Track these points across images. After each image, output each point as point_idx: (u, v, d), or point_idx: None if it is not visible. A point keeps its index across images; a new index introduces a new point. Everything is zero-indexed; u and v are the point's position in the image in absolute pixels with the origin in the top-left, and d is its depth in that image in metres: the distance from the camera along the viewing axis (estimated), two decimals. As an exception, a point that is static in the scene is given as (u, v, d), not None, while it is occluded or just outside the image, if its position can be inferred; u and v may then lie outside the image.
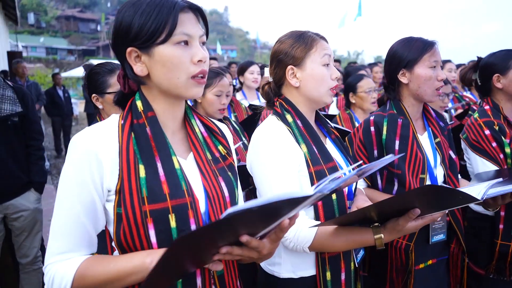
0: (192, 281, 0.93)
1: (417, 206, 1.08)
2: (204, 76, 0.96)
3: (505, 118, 1.88)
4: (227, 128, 1.18)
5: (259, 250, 0.86)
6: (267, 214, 0.75)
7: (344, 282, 1.34)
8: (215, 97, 2.19)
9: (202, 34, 0.97)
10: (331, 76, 1.35)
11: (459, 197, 1.05)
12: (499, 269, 1.89)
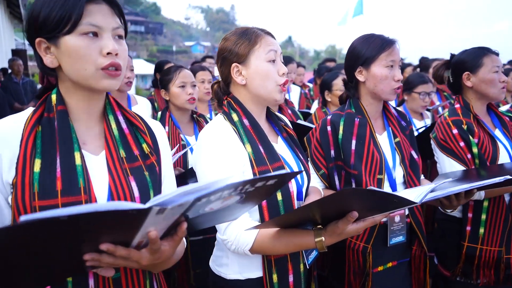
0: (84, 282, 0.89)
1: (355, 208, 1.03)
2: (118, 69, 0.92)
3: (475, 117, 1.82)
4: (160, 126, 1.13)
5: (135, 260, 0.79)
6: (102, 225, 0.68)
7: (293, 284, 1.29)
8: (179, 89, 2.21)
9: (117, 27, 0.93)
10: (278, 72, 1.30)
11: (394, 200, 1.01)
12: (466, 272, 1.84)
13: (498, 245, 1.79)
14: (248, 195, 0.85)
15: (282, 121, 1.46)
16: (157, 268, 0.97)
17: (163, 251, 0.82)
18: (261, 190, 0.86)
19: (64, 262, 0.76)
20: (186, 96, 2.20)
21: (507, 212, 1.79)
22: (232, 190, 0.78)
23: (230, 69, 1.31)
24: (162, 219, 0.74)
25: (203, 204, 0.77)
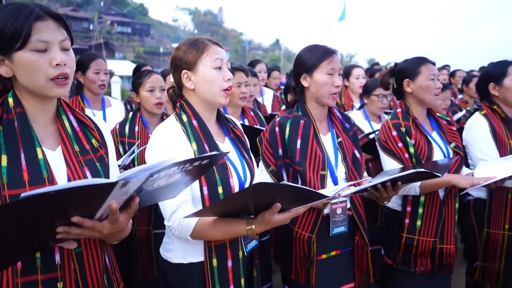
0: (51, 257, 1.04)
1: (279, 200, 1.20)
2: (67, 78, 1.07)
3: (414, 121, 2.01)
4: (105, 124, 1.29)
5: (98, 230, 0.96)
6: (79, 198, 0.84)
7: (231, 268, 1.44)
8: (148, 93, 2.34)
9: (63, 39, 1.07)
10: (224, 78, 1.45)
11: (308, 193, 1.18)
12: (405, 261, 2.02)
13: (433, 236, 1.98)
14: (187, 173, 1.03)
15: (232, 123, 1.61)
16: (113, 238, 1.13)
17: (121, 222, 0.99)
18: (197, 168, 1.04)
19: (39, 236, 0.92)
20: (155, 100, 2.33)
21: (441, 207, 1.99)
22: (176, 168, 0.96)
23: (181, 75, 1.46)
24: (122, 193, 0.91)
25: (153, 180, 0.95)
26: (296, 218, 1.79)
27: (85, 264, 1.10)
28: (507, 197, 2.21)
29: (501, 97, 2.26)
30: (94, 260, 1.13)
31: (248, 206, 1.25)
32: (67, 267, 1.07)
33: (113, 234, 1.03)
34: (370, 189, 1.66)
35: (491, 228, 2.24)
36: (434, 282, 2.07)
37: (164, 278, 1.52)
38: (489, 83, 2.29)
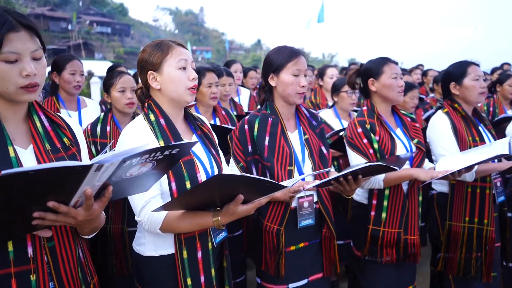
0: (23, 250, 1.08)
1: (241, 192, 1.26)
2: (35, 86, 1.11)
3: (378, 118, 2.11)
4: (77, 124, 1.34)
5: (73, 216, 1.01)
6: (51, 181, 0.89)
7: (201, 259, 1.51)
8: (119, 94, 2.38)
9: (35, 50, 1.11)
10: (189, 77, 1.51)
11: (267, 184, 1.25)
12: (372, 251, 2.11)
13: (398, 227, 2.08)
14: (158, 162, 1.08)
15: (199, 121, 1.67)
16: (87, 226, 1.16)
17: (95, 209, 1.04)
18: (167, 158, 1.09)
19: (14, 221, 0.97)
20: (126, 100, 2.38)
21: (405, 199, 2.09)
22: (147, 156, 1.01)
23: (147, 76, 1.52)
24: (97, 179, 0.96)
25: (126, 167, 1.00)
26: (266, 212, 1.87)
27: (58, 256, 1.14)
28: (467, 191, 2.33)
29: (461, 96, 2.38)
30: (67, 253, 1.17)
31: (214, 199, 1.31)
32: (40, 259, 1.11)
33: (87, 222, 1.07)
34: (333, 182, 1.74)
35: (453, 220, 2.35)
36: (399, 271, 2.17)
37: (138, 271, 1.58)
38: (450, 82, 2.40)
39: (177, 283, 1.48)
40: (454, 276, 2.39)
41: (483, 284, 2.39)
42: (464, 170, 1.88)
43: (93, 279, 1.33)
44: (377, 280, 2.16)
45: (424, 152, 2.16)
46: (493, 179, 2.35)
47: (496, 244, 2.42)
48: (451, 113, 2.36)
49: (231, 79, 3.24)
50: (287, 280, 1.89)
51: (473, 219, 2.32)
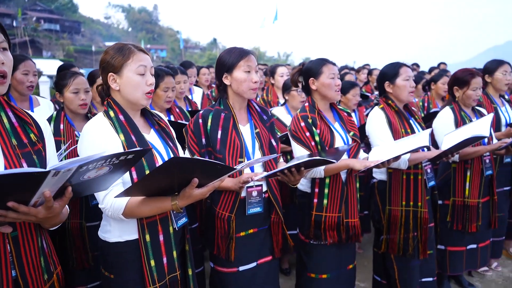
0: None
1: (196, 176, 1.40)
2: (5, 76, 1.21)
3: (319, 113, 2.32)
4: (45, 121, 1.42)
5: (33, 215, 1.10)
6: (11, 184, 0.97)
7: (163, 242, 1.63)
8: (73, 95, 2.42)
9: (1, 41, 1.21)
10: (146, 83, 1.62)
11: (218, 167, 1.40)
12: (316, 235, 2.32)
13: (338, 211, 2.29)
14: (115, 166, 1.19)
15: (156, 117, 1.80)
16: (49, 222, 1.25)
17: (55, 208, 1.13)
18: (123, 162, 1.20)
19: None
20: (79, 101, 2.43)
21: (344, 187, 2.31)
22: (103, 162, 1.11)
23: (108, 77, 1.62)
24: (55, 182, 1.04)
25: (83, 171, 1.09)
26: (218, 200, 2.01)
27: (20, 246, 1.22)
28: (403, 178, 2.60)
29: (394, 93, 2.64)
30: (29, 243, 1.25)
31: (171, 184, 1.42)
32: (3, 249, 1.18)
33: (48, 218, 1.17)
34: (279, 174, 1.92)
35: (392, 205, 2.62)
36: (341, 252, 2.40)
37: (104, 257, 1.67)
38: (385, 81, 2.66)
39: (142, 266, 1.59)
40: (395, 256, 2.65)
41: (420, 261, 2.67)
42: (392, 159, 2.11)
43: (56, 269, 1.41)
44: (322, 261, 2.37)
45: (359, 144, 2.39)
46: (424, 166, 2.63)
47: (430, 224, 2.72)
48: (386, 108, 2.62)
49: (185, 77, 3.35)
50: (237, 263, 2.05)
51: (409, 202, 2.59)
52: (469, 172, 2.95)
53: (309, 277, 2.41)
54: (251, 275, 2.09)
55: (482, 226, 3.06)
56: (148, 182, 1.38)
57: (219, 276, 2.09)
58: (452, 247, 3.08)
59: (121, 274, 1.63)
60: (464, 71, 3.00)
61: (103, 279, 1.71)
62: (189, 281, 1.78)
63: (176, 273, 1.69)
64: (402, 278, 2.67)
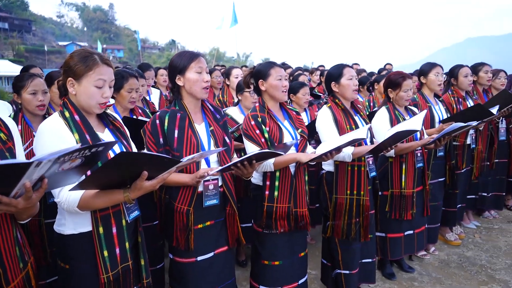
0: None
1: (145, 169, 1.54)
2: None
3: (268, 112, 2.53)
4: (12, 121, 1.53)
5: (14, 206, 1.21)
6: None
7: (116, 234, 1.76)
8: (31, 96, 2.49)
9: None
10: (102, 95, 1.73)
11: (165, 160, 1.55)
12: (268, 225, 2.52)
13: (288, 202, 2.51)
14: (86, 158, 1.31)
15: (111, 117, 1.92)
16: (26, 212, 1.37)
17: (33, 199, 1.25)
18: (94, 155, 1.33)
19: None
20: (37, 102, 2.50)
21: (292, 179, 2.53)
22: (77, 153, 1.24)
23: (67, 81, 1.73)
24: (35, 173, 1.15)
25: (60, 163, 1.21)
26: (176, 195, 2.16)
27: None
28: (348, 169, 2.86)
29: (340, 93, 2.90)
30: (6, 234, 1.37)
31: (123, 177, 1.56)
32: None
33: (26, 209, 1.29)
34: (233, 167, 2.10)
35: (338, 194, 2.88)
36: (292, 241, 2.62)
37: (60, 250, 1.78)
38: (331, 82, 2.92)
39: (95, 256, 1.71)
40: (339, 239, 2.93)
41: (362, 244, 2.96)
42: (333, 151, 2.34)
43: (30, 259, 1.52)
44: (274, 249, 2.58)
45: (306, 140, 2.62)
46: (366, 158, 2.91)
47: (371, 211, 3.01)
48: (333, 107, 2.88)
49: (143, 80, 3.49)
50: (195, 254, 2.21)
51: (353, 191, 2.86)
52: (404, 165, 3.27)
53: (263, 264, 2.62)
54: (209, 264, 2.26)
55: (417, 214, 3.40)
56: (100, 175, 1.48)
57: (178, 266, 2.24)
58: (391, 234, 3.40)
59: (76, 264, 1.74)
60: (396, 74, 3.32)
61: (59, 270, 1.80)
62: (141, 270, 1.92)
63: (128, 262, 1.82)
64: (344, 259, 2.94)
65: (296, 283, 2.68)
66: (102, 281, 1.72)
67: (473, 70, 4.37)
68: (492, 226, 4.75)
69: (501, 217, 5.01)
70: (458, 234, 4.37)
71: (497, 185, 4.89)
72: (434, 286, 3.40)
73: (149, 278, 1.97)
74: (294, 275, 2.67)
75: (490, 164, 4.60)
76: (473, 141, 4.17)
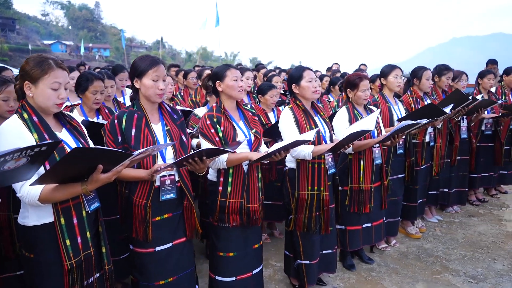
0: None
1: (100, 163, 1.71)
2: None
3: (224, 113, 2.69)
4: None
5: None
6: None
7: (77, 224, 1.92)
8: (2, 102, 2.60)
9: None
10: (58, 96, 1.88)
11: (117, 153, 1.72)
12: (221, 218, 2.68)
13: (240, 197, 2.67)
14: (31, 157, 1.45)
15: (68, 117, 2.07)
16: None
17: None
18: (38, 154, 1.46)
19: None
20: (8, 108, 2.60)
21: (245, 176, 2.69)
22: (19, 153, 1.37)
23: (24, 84, 1.87)
24: None
25: (2, 162, 1.34)
26: (135, 190, 2.30)
27: None
28: (309, 166, 3.04)
29: (300, 94, 3.08)
30: None
31: (80, 171, 1.72)
32: None
33: None
34: (185, 163, 2.26)
35: (300, 190, 3.05)
36: (247, 233, 2.79)
37: (24, 240, 1.93)
38: (292, 83, 3.09)
39: (58, 245, 1.87)
40: (301, 232, 3.12)
41: (322, 236, 3.16)
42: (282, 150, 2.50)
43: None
44: (227, 241, 2.75)
45: (260, 140, 2.78)
46: (326, 156, 3.09)
47: (331, 205, 3.20)
48: (294, 107, 3.06)
49: (112, 81, 3.61)
50: (154, 244, 2.37)
51: (314, 187, 3.04)
52: (362, 162, 3.47)
53: (218, 255, 2.78)
54: (167, 254, 2.42)
55: (375, 208, 3.60)
56: (58, 169, 1.64)
57: (138, 256, 2.39)
58: (350, 226, 3.60)
59: (40, 253, 1.90)
60: (354, 75, 3.52)
61: (24, 260, 1.95)
62: (103, 257, 2.08)
63: (90, 250, 1.99)
64: (305, 251, 3.13)
65: (250, 273, 2.86)
66: (65, 268, 1.89)
67: (439, 73, 4.59)
68: (453, 220, 4.99)
69: (463, 212, 5.26)
70: (419, 227, 4.59)
71: (460, 181, 5.14)
72: (390, 276, 3.60)
73: (110, 265, 2.14)
74: (248, 266, 2.85)
75: (452, 161, 4.83)
76: (432, 139, 4.39)
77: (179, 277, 2.48)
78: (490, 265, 3.79)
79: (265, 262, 3.71)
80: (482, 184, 5.56)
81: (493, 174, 5.56)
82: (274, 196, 4.13)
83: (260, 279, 2.97)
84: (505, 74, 5.55)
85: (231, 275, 2.80)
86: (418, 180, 4.31)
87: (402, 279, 3.54)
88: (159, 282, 2.40)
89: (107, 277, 2.14)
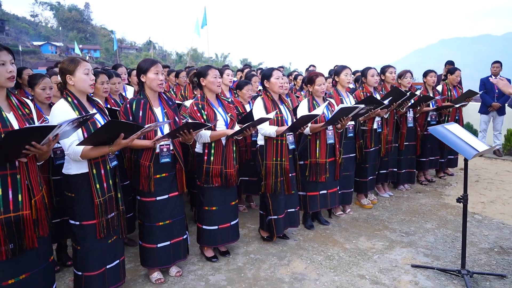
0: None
1: (123, 131, 2.61)
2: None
3: (207, 101, 3.60)
4: (31, 103, 2.56)
5: (41, 149, 2.15)
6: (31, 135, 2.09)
7: (104, 175, 2.81)
8: (41, 91, 3.45)
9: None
10: (90, 79, 2.76)
11: (134, 126, 2.63)
12: (206, 181, 3.61)
13: (220, 164, 3.59)
14: (78, 124, 2.33)
15: (96, 101, 2.96)
16: (42, 157, 2.39)
17: (50, 146, 2.24)
18: (82, 122, 2.36)
19: None
20: (45, 95, 3.49)
21: (224, 148, 3.61)
22: (71, 123, 2.25)
23: (65, 77, 2.77)
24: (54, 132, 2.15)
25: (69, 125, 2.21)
26: (141, 154, 3.20)
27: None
28: (273, 143, 3.98)
29: (270, 88, 4.01)
30: (33, 167, 2.33)
31: (108, 137, 2.62)
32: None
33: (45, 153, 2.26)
34: (178, 134, 3.16)
35: (267, 160, 3.99)
36: (226, 192, 3.71)
37: (67, 184, 2.80)
38: (264, 79, 4.03)
39: (91, 187, 2.77)
40: (270, 194, 4.05)
41: (286, 196, 4.10)
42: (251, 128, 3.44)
43: (43, 186, 2.54)
44: (211, 198, 3.66)
45: (234, 121, 3.71)
46: (287, 135, 4.03)
47: (292, 174, 4.13)
48: (264, 98, 4.00)
49: (119, 79, 4.51)
50: (155, 195, 3.27)
51: (277, 158, 3.98)
52: (318, 141, 4.41)
53: (204, 209, 3.71)
54: (164, 203, 3.32)
55: (330, 178, 4.54)
56: (95, 135, 2.55)
57: (143, 203, 3.30)
58: (309, 192, 4.54)
59: (78, 193, 2.77)
60: (312, 73, 4.47)
61: (66, 199, 2.83)
62: (118, 200, 2.98)
63: (111, 193, 2.88)
64: (274, 208, 4.06)
65: (229, 224, 3.79)
66: (96, 203, 2.77)
67: (382, 70, 5.58)
68: (402, 195, 5.96)
69: (412, 190, 6.23)
70: (371, 200, 5.55)
71: (409, 163, 6.12)
72: (341, 233, 4.54)
73: (123, 206, 3.03)
74: (227, 218, 3.77)
75: (400, 146, 5.81)
76: (379, 127, 5.36)
77: (173, 221, 3.39)
78: (422, 225, 4.76)
79: (242, 225, 4.63)
80: (430, 167, 6.54)
81: (440, 158, 6.56)
82: (250, 173, 5.03)
83: (236, 228, 3.90)
84: (450, 73, 6.56)
85: (214, 225, 3.72)
86: (368, 160, 5.26)
87: (349, 235, 4.49)
88: (159, 223, 3.31)
89: (121, 215, 3.03)
